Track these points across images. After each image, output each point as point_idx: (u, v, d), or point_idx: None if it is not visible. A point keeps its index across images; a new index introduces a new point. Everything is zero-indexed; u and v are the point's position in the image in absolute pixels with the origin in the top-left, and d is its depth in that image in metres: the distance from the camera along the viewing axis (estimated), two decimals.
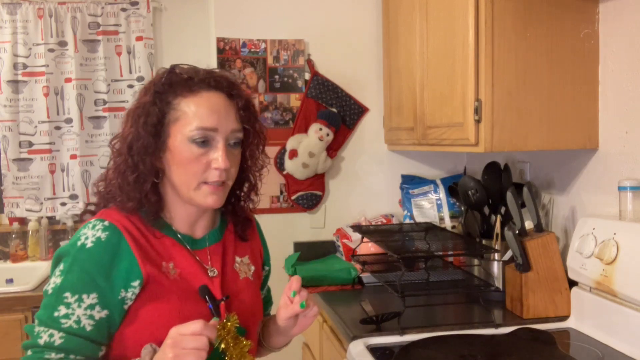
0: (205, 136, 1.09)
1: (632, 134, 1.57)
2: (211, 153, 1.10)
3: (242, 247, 1.28)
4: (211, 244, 1.21)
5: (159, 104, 1.10)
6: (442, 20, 1.88)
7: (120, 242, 1.07)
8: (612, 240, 1.46)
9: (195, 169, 1.09)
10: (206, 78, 1.13)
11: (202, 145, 1.09)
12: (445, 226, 2.31)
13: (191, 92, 1.10)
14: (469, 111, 1.67)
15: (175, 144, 1.10)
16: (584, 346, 1.49)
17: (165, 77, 1.13)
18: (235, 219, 1.28)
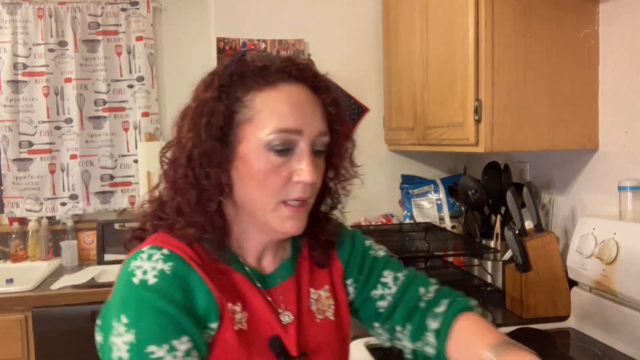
0: (287, 141, 0.85)
1: (632, 134, 1.57)
2: (293, 163, 0.86)
3: (319, 276, 1.00)
4: (284, 279, 0.95)
5: (225, 101, 0.86)
6: (442, 20, 1.88)
7: (189, 274, 0.82)
8: (612, 240, 1.46)
9: (273, 184, 0.85)
10: (286, 66, 0.88)
11: (282, 153, 0.85)
12: (445, 226, 2.31)
13: (268, 84, 0.86)
14: (469, 111, 1.67)
15: (247, 152, 0.85)
16: (584, 346, 1.49)
17: (233, 66, 0.89)
18: (313, 244, 1.00)
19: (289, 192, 0.86)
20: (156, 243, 0.84)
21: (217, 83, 0.87)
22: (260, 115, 0.85)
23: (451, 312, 0.97)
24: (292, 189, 0.86)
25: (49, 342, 2.29)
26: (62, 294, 2.31)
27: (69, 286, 2.36)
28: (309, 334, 0.94)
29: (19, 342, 2.28)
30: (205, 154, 0.85)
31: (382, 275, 1.04)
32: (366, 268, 1.04)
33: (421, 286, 1.02)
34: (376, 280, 1.04)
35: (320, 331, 0.97)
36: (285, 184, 0.85)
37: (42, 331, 2.29)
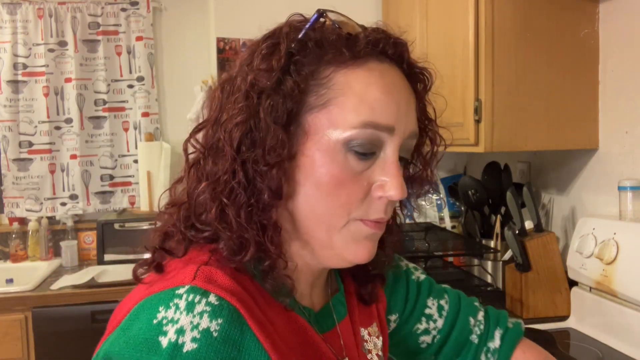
0: (374, 140, 0.63)
1: (632, 134, 1.57)
2: (375, 170, 0.64)
3: (366, 313, 0.81)
4: (339, 319, 0.74)
5: (295, 75, 0.62)
6: (442, 20, 1.88)
7: (244, 337, 0.55)
8: (612, 240, 1.46)
9: (348, 197, 0.63)
10: (379, 39, 0.66)
11: (365, 157, 0.63)
12: (445, 226, 2.31)
13: (354, 59, 0.64)
14: (469, 111, 1.66)
15: (316, 148, 0.63)
16: (584, 346, 1.49)
17: (305, 30, 0.66)
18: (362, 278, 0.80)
19: (368, 211, 0.64)
20: (198, 282, 0.57)
21: (284, 49, 0.63)
22: (342, 101, 0.62)
23: (507, 347, 0.86)
24: (371, 207, 0.64)
25: (49, 342, 2.29)
26: (62, 294, 2.32)
27: (69, 286, 2.36)
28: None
29: (19, 342, 2.28)
30: (264, 145, 0.62)
31: (426, 305, 0.88)
32: (411, 299, 0.88)
33: (470, 315, 0.89)
34: (420, 312, 0.88)
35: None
36: (364, 199, 0.64)
37: (42, 331, 2.29)
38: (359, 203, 0.64)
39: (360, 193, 0.63)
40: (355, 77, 0.63)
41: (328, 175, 0.62)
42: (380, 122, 0.62)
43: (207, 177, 0.63)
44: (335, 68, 0.63)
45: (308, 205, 0.64)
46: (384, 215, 0.65)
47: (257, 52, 0.65)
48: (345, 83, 0.63)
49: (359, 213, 0.64)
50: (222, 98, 0.66)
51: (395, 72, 0.67)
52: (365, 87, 0.63)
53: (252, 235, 0.62)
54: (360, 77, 0.63)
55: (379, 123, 0.62)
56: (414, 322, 0.88)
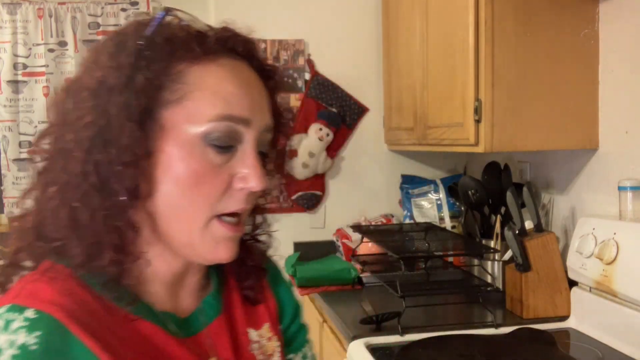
0: (232, 133, 0.64)
1: (632, 134, 1.57)
2: (236, 163, 0.65)
3: (255, 313, 0.79)
4: (209, 320, 0.72)
5: (146, 71, 0.61)
6: (442, 20, 1.88)
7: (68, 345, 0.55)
8: (612, 240, 1.46)
9: (209, 192, 0.63)
10: (229, 37, 0.69)
11: (224, 150, 0.64)
12: (445, 226, 2.31)
13: (206, 55, 0.65)
14: (469, 111, 1.66)
15: (174, 145, 0.63)
16: (584, 346, 1.49)
17: (153, 27, 0.64)
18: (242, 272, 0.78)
19: (227, 203, 0.64)
20: (18, 300, 0.56)
21: (132, 46, 0.62)
22: (197, 96, 0.63)
23: None
24: (232, 199, 0.65)
25: None
26: None
27: None
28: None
29: None
30: (118, 145, 0.60)
31: (305, 345, 0.86)
32: (296, 325, 0.85)
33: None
34: (300, 346, 0.85)
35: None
36: (225, 192, 0.64)
37: None
38: (220, 196, 0.64)
39: (221, 186, 0.64)
40: (208, 72, 0.64)
41: (187, 170, 0.62)
42: (236, 114, 0.64)
43: (57, 183, 0.62)
44: (188, 64, 0.64)
45: (168, 203, 0.63)
46: (245, 205, 0.66)
47: (103, 50, 0.64)
48: (199, 78, 0.64)
49: (220, 206, 0.64)
50: (68, 100, 0.64)
51: (247, 68, 0.69)
52: (219, 81, 0.64)
53: (109, 239, 0.61)
54: (213, 72, 0.64)
55: (235, 115, 0.64)
56: (291, 351, 0.84)
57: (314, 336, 2.11)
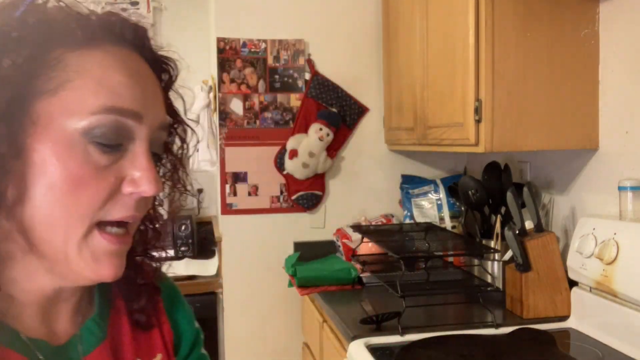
0: (120, 129, 0.55)
1: (632, 134, 1.57)
2: (125, 165, 0.56)
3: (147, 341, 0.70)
4: (90, 349, 0.63)
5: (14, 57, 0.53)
6: (442, 20, 1.88)
7: None
8: (612, 240, 1.46)
9: (90, 198, 0.54)
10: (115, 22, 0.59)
11: (111, 149, 0.55)
12: (445, 226, 2.31)
13: (88, 40, 0.56)
14: (469, 111, 1.67)
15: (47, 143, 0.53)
16: (584, 346, 1.49)
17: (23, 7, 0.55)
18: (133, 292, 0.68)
19: (113, 210, 0.55)
20: None
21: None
22: (77, 85, 0.54)
23: None
24: (117, 204, 0.56)
25: None
26: None
27: None
28: None
29: None
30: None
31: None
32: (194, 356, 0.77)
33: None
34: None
35: None
36: (110, 198, 0.55)
37: None
38: (103, 203, 0.55)
39: (105, 191, 0.55)
40: (92, 60, 0.55)
41: (65, 173, 0.53)
42: (124, 106, 0.55)
43: None
44: (66, 49, 0.55)
45: (41, 212, 0.54)
46: (134, 213, 0.57)
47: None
48: (80, 65, 0.55)
49: (103, 213, 0.55)
50: None
51: (138, 58, 0.60)
52: (105, 69, 0.55)
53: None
54: (97, 59, 0.55)
55: (124, 108, 0.55)
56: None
57: (314, 336, 2.11)
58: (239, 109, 2.43)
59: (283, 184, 2.49)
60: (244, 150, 2.44)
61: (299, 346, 2.40)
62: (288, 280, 2.31)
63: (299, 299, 2.38)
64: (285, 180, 2.48)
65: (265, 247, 2.46)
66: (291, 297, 2.43)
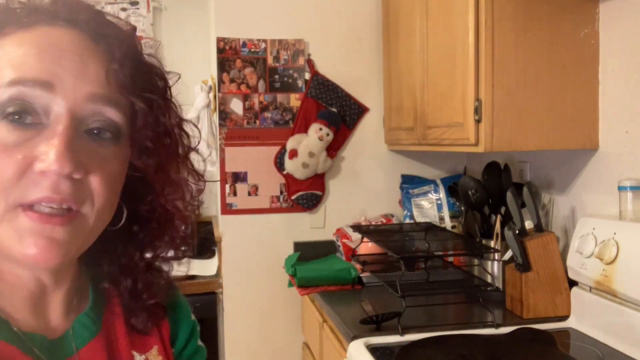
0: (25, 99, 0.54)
1: (632, 134, 1.57)
2: (39, 142, 0.54)
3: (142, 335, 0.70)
4: (84, 342, 0.63)
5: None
6: (442, 20, 1.88)
7: None
8: (612, 240, 1.46)
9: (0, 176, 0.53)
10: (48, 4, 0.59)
11: (20, 125, 0.54)
12: (445, 226, 2.31)
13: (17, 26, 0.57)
14: (469, 111, 1.67)
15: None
16: (584, 346, 1.49)
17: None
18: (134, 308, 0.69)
19: (27, 191, 0.53)
20: None
21: None
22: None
23: None
24: (31, 186, 0.53)
25: None
26: None
27: None
28: None
29: None
30: None
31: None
32: (190, 348, 0.78)
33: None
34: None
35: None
36: (22, 176, 0.53)
37: None
38: (12, 181, 0.53)
39: (11, 169, 0.52)
40: (10, 41, 0.56)
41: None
42: (27, 76, 0.53)
43: None
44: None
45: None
46: (52, 195, 0.53)
47: None
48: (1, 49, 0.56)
49: (18, 195, 0.53)
50: None
51: (69, 33, 0.58)
52: (17, 47, 0.55)
53: None
54: (15, 40, 0.56)
55: (27, 77, 0.53)
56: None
57: (314, 336, 2.11)
58: (239, 109, 2.43)
59: (283, 184, 2.49)
60: (244, 150, 2.44)
61: (299, 346, 2.40)
62: (288, 280, 2.31)
63: (299, 299, 2.38)
64: (285, 180, 2.48)
65: (265, 247, 2.46)
66: (291, 297, 2.43)
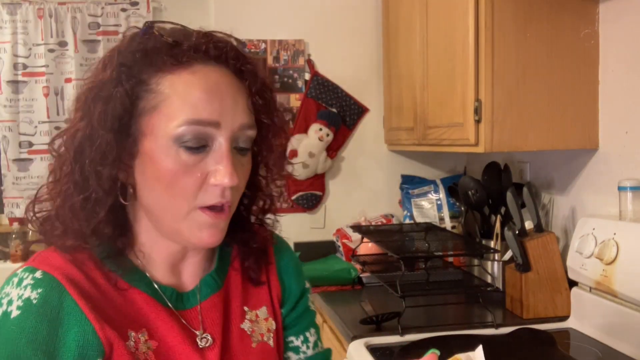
0: (201, 135, 0.71)
1: (632, 134, 1.57)
2: (209, 162, 0.72)
3: (256, 294, 0.87)
4: (206, 297, 0.81)
5: (126, 84, 0.71)
6: (442, 20, 1.88)
7: (62, 301, 0.69)
8: (612, 240, 1.46)
9: (185, 187, 0.72)
10: (202, 44, 0.73)
11: (196, 151, 0.71)
12: (445, 226, 2.31)
13: (179, 64, 0.72)
14: (469, 111, 1.67)
15: (153, 147, 0.71)
16: (584, 346, 1.49)
17: (137, 41, 0.73)
18: (245, 253, 0.87)
19: (206, 197, 0.72)
20: (34, 263, 0.72)
21: (116, 61, 0.72)
22: (169, 103, 0.71)
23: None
24: (209, 193, 0.72)
25: None
26: None
27: None
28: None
29: None
30: (97, 149, 0.70)
31: (309, 330, 0.92)
32: (299, 309, 0.92)
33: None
34: (301, 330, 0.92)
35: (256, 357, 0.83)
36: (201, 187, 0.72)
37: None
38: (196, 191, 0.72)
39: (195, 183, 0.72)
40: (180, 80, 0.71)
41: (163, 170, 0.71)
42: (203, 118, 0.71)
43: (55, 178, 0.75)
44: (163, 74, 0.72)
45: (153, 197, 0.74)
46: (221, 199, 0.73)
47: (99, 64, 0.75)
48: (170, 87, 0.71)
49: (198, 200, 0.72)
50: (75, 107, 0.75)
51: (221, 71, 0.74)
52: (188, 88, 0.71)
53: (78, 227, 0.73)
54: (183, 80, 0.71)
55: (203, 119, 0.70)
56: (292, 334, 0.91)
57: None
58: None
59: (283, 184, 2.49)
60: None
61: None
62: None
63: None
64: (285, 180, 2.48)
65: None
66: None
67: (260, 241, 0.88)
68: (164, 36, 0.73)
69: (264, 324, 0.85)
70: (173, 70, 0.72)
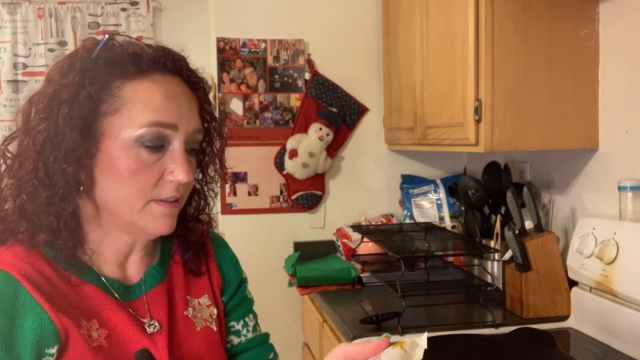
0: (160, 136, 0.79)
1: (632, 134, 1.57)
2: (166, 160, 0.80)
3: (197, 284, 0.95)
4: (150, 288, 0.88)
5: (89, 88, 0.77)
6: (442, 20, 1.88)
7: (17, 295, 0.74)
8: (612, 240, 1.46)
9: (143, 183, 0.79)
10: (161, 56, 0.82)
11: (154, 150, 0.79)
12: (445, 226, 2.31)
13: (139, 72, 0.79)
14: (469, 111, 1.67)
15: (113, 147, 0.78)
16: (584, 346, 1.49)
17: (99, 50, 0.80)
18: (185, 247, 0.94)
19: (161, 192, 0.81)
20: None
21: (79, 67, 0.78)
22: (130, 107, 0.78)
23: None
24: (165, 189, 0.81)
25: None
26: None
27: None
28: (187, 344, 0.88)
29: None
30: (62, 148, 0.76)
31: (248, 315, 1.01)
32: (238, 297, 1.00)
33: (272, 352, 1.02)
34: (241, 315, 1.00)
35: (201, 341, 0.90)
36: (157, 183, 0.80)
37: None
38: (152, 187, 0.80)
39: (152, 179, 0.79)
40: (141, 87, 0.79)
41: (124, 167, 0.78)
42: (164, 121, 0.79)
43: (14, 178, 0.79)
44: (124, 81, 0.79)
45: (111, 193, 0.80)
46: (175, 194, 0.81)
47: (57, 69, 0.80)
48: (132, 92, 0.79)
49: (154, 194, 0.80)
50: (30, 110, 0.80)
51: (177, 81, 0.83)
52: (150, 93, 0.79)
53: (48, 223, 0.78)
54: (145, 86, 0.79)
55: (163, 122, 0.79)
56: (232, 319, 0.99)
57: (314, 336, 2.11)
58: (239, 108, 2.43)
59: (283, 184, 2.49)
60: (244, 150, 2.44)
61: (299, 346, 2.40)
62: (288, 280, 2.31)
63: (299, 299, 2.38)
64: (285, 180, 2.48)
65: (265, 247, 2.46)
66: (291, 297, 2.43)
67: (198, 236, 0.96)
68: (124, 47, 0.81)
69: (207, 310, 0.93)
70: (135, 77, 0.79)
